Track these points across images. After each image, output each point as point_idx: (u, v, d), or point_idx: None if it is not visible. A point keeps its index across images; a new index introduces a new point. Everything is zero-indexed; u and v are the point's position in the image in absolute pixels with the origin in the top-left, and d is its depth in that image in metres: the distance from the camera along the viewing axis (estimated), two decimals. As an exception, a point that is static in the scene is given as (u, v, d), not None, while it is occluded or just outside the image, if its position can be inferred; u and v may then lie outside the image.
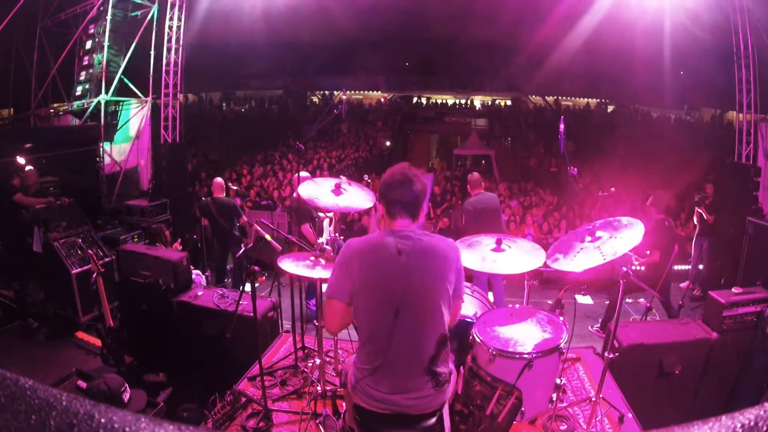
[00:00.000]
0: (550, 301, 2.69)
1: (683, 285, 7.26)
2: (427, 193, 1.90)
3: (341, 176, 3.28)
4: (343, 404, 2.27)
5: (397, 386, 1.77)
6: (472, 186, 5.50)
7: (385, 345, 1.78)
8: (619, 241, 2.59)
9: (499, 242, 2.79)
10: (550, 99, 20.52)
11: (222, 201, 6.24)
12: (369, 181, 3.49)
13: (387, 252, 1.79)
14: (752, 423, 0.38)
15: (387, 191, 1.87)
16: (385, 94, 21.58)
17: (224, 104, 21.92)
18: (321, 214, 4.41)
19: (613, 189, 6.27)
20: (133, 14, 8.29)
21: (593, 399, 2.91)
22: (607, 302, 6.25)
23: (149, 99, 8.70)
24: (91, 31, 8.43)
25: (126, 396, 2.67)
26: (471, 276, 6.62)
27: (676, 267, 7.32)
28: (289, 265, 2.96)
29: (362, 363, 1.85)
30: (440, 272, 1.79)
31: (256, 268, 3.13)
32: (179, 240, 6.51)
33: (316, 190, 3.13)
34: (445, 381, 1.85)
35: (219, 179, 6.44)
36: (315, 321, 3.14)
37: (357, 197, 3.10)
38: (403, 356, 1.77)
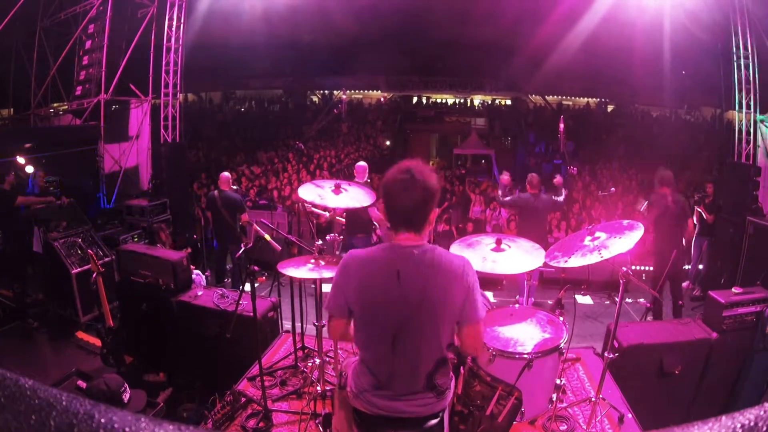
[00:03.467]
0: (550, 301, 2.69)
1: (684, 285, 7.26)
2: (435, 196, 1.66)
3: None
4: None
5: (398, 396, 1.76)
6: (529, 186, 5.81)
7: (382, 365, 1.75)
8: (618, 240, 2.59)
9: (498, 242, 2.79)
10: (550, 98, 20.51)
11: (228, 195, 6.28)
12: (369, 180, 3.50)
13: (387, 274, 1.67)
14: (752, 423, 0.38)
15: (387, 198, 1.68)
16: (385, 94, 21.56)
17: (224, 104, 21.91)
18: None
19: (613, 189, 6.29)
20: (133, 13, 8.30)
21: (593, 399, 2.91)
22: (607, 302, 6.26)
23: (149, 99, 8.70)
24: (91, 30, 8.42)
25: (126, 396, 2.67)
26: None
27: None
28: (291, 270, 2.94)
29: (362, 375, 1.82)
30: (442, 295, 1.66)
31: (256, 268, 3.13)
32: (188, 249, 6.46)
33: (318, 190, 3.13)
34: (446, 389, 1.84)
35: (226, 173, 6.48)
36: (315, 321, 3.14)
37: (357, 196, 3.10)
38: (401, 374, 1.74)
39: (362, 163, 5.82)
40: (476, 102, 21.52)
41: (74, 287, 5.22)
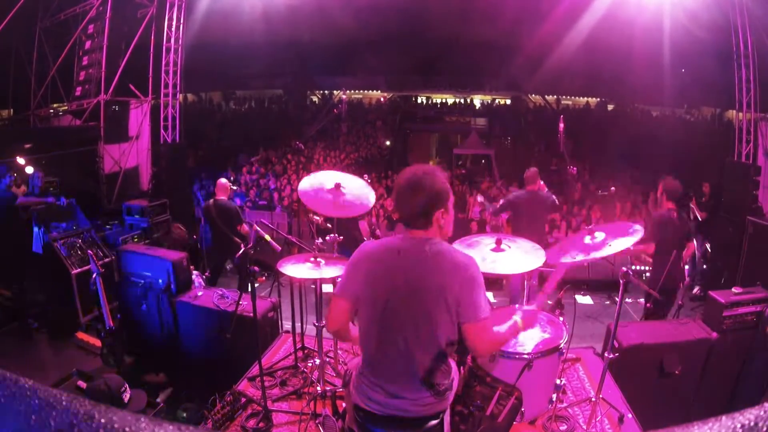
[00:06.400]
0: (550, 301, 2.69)
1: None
2: (440, 196, 1.76)
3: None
4: (344, 404, 2.27)
5: (396, 393, 1.77)
6: (526, 182, 5.25)
7: (380, 352, 1.78)
8: (618, 240, 2.59)
9: (498, 242, 2.78)
10: (550, 98, 20.50)
11: (223, 204, 5.98)
12: (369, 180, 3.49)
13: (389, 259, 1.76)
14: (752, 423, 0.38)
15: (398, 199, 1.80)
16: (385, 94, 21.56)
17: (224, 104, 21.91)
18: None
19: (613, 188, 6.28)
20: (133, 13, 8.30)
21: (593, 399, 2.91)
22: (607, 302, 6.22)
23: (149, 99, 8.70)
24: (91, 31, 8.42)
25: (126, 396, 2.67)
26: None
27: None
28: (291, 269, 2.94)
29: (363, 367, 1.86)
30: (438, 284, 1.70)
31: (256, 268, 3.13)
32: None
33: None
34: (446, 389, 1.83)
35: (223, 180, 6.20)
36: (315, 321, 3.14)
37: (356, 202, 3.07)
38: (397, 366, 1.76)
39: None
40: (476, 102, 21.52)
41: (74, 287, 5.22)
